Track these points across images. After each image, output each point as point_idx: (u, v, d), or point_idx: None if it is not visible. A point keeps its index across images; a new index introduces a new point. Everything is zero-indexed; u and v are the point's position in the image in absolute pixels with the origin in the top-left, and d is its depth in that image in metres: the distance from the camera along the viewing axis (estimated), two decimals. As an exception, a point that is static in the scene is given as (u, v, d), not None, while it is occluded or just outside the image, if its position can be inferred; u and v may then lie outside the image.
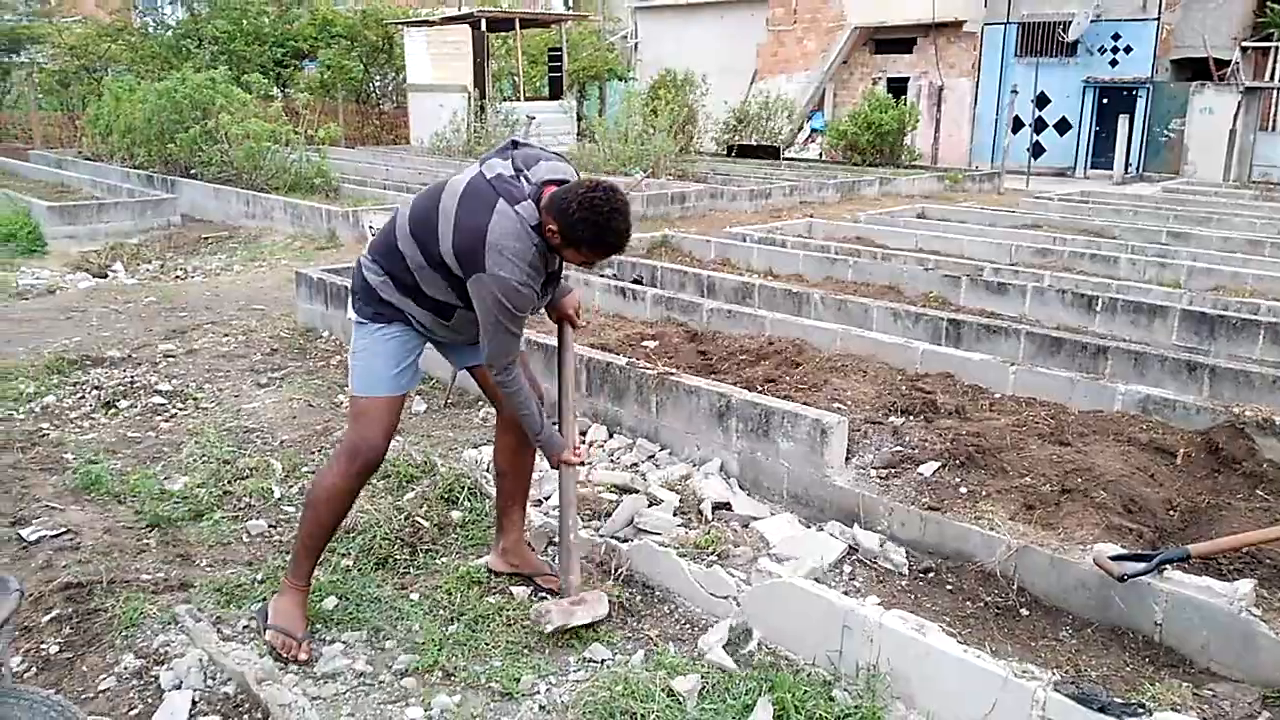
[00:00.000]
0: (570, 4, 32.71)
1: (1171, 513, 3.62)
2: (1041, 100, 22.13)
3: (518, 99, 20.90)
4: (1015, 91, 20.35)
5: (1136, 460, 3.87)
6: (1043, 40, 21.87)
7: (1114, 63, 21.36)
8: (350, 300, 3.03)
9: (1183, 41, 20.79)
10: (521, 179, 2.80)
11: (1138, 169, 20.97)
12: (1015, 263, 8.57)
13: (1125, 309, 6.30)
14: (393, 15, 23.84)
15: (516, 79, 22.02)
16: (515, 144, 2.96)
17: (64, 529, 3.66)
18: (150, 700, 2.65)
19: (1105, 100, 21.58)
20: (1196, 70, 20.76)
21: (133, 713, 2.59)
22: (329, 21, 23.98)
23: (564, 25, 23.10)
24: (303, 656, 2.83)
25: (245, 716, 2.55)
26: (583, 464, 3.14)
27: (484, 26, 20.38)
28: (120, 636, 2.91)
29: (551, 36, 23.89)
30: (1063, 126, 22.25)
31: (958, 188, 16.94)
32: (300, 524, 3.02)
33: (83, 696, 2.68)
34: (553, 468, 3.18)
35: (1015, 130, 21.64)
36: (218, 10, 23.22)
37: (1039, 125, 22.27)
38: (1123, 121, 20.53)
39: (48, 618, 3.04)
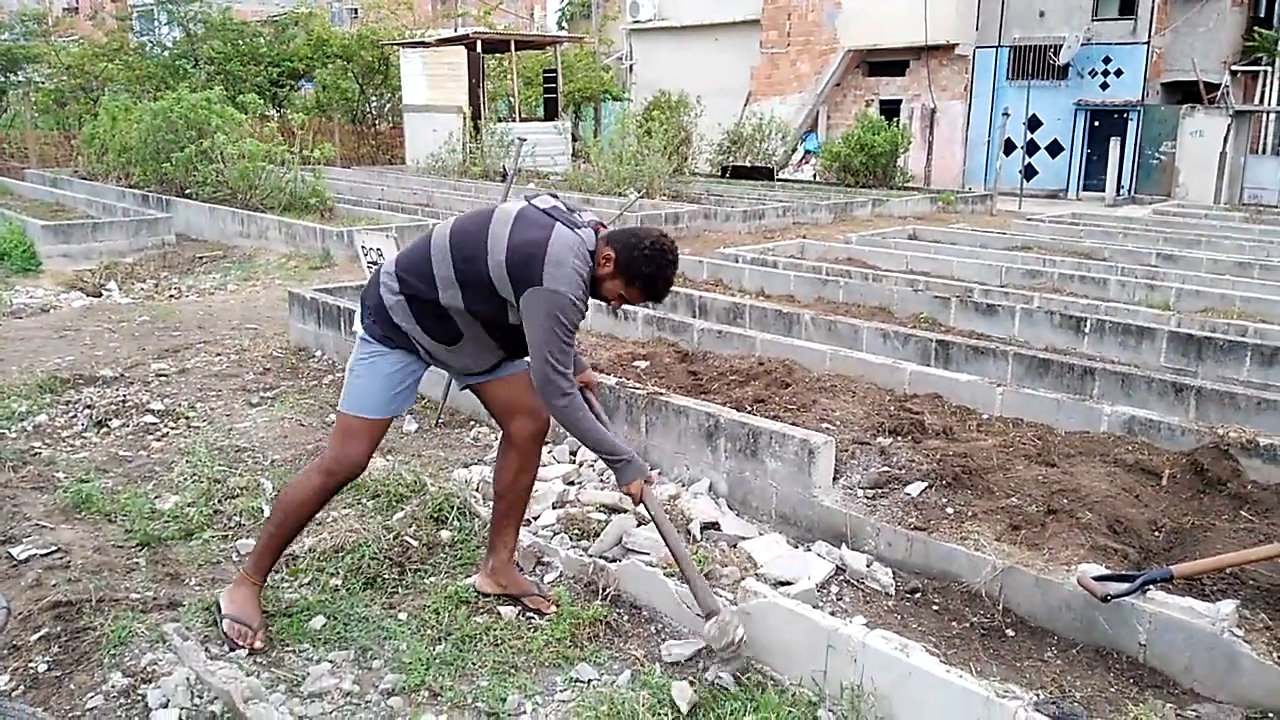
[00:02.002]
0: (565, 26, 32.93)
1: (1157, 534, 3.64)
2: (1034, 123, 22.30)
3: (513, 120, 21.04)
4: (1007, 114, 20.52)
5: (1122, 481, 3.91)
6: (1034, 63, 22.07)
7: (1105, 85, 21.56)
8: (360, 314, 3.06)
9: (1173, 65, 21.02)
10: (574, 214, 2.95)
11: (1129, 191, 21.13)
12: (1005, 284, 8.63)
13: (1114, 330, 6.35)
14: (389, 36, 23.99)
15: (512, 100, 22.16)
16: (554, 195, 3.07)
17: (54, 547, 3.66)
18: (138, 719, 2.65)
19: (1097, 123, 21.77)
20: (1187, 93, 20.97)
21: (120, 732, 2.60)
22: (325, 42, 24.13)
23: (559, 47, 23.26)
24: (258, 644, 2.91)
25: (231, 736, 2.56)
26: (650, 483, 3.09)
27: (480, 48, 20.54)
28: (108, 655, 2.92)
29: (547, 58, 24.06)
30: (1054, 149, 22.43)
31: (950, 209, 17.05)
32: (268, 523, 3.11)
33: (70, 715, 2.68)
34: (635, 499, 3.05)
35: (1007, 152, 21.82)
36: (214, 30, 23.35)
37: (1031, 148, 22.43)
38: (1114, 144, 20.70)
39: (36, 636, 3.04)
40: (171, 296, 9.07)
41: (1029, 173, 21.95)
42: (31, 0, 33.90)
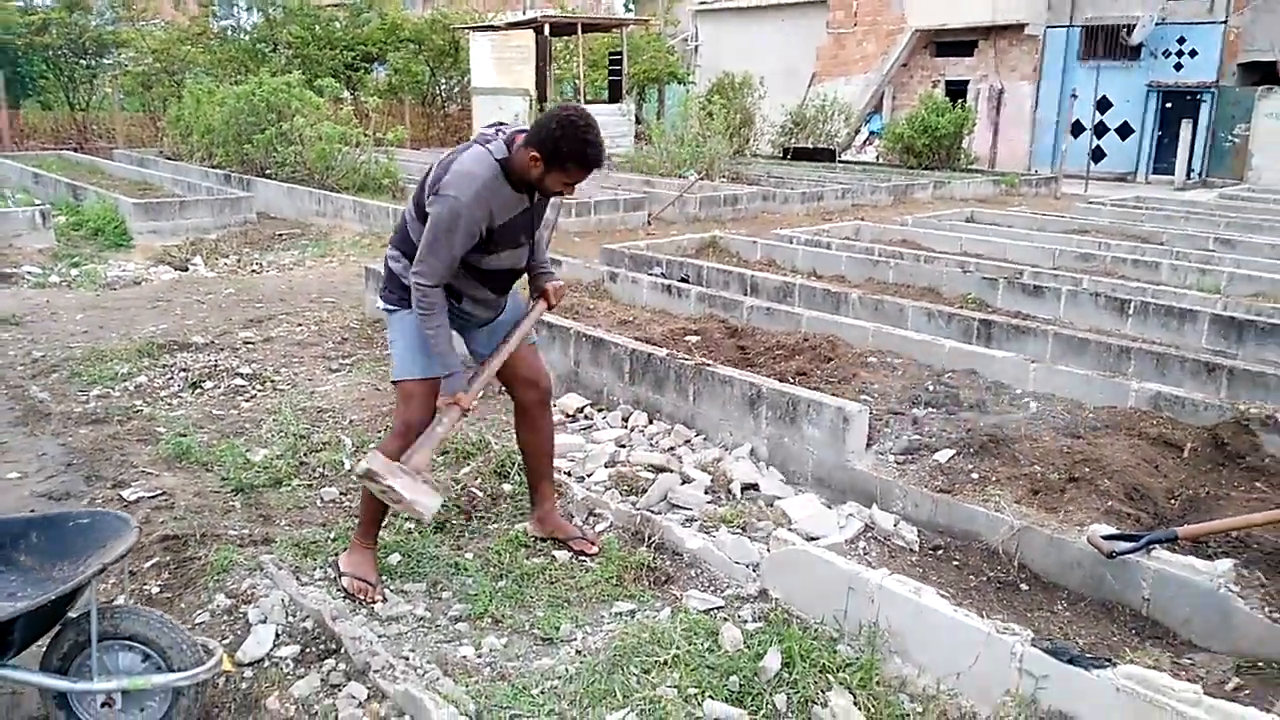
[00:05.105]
0: (633, 8, 33.13)
1: (1172, 501, 3.85)
2: (1103, 104, 21.99)
3: (578, 101, 21.37)
4: (1075, 95, 20.29)
5: (1144, 453, 4.11)
6: (1105, 43, 21.74)
7: (1178, 66, 21.17)
8: (380, 291, 3.38)
9: (1251, 45, 20.54)
10: (498, 134, 3.14)
11: (1200, 174, 20.76)
12: (1057, 267, 8.73)
13: (1157, 313, 6.48)
14: (459, 20, 24.48)
15: (578, 82, 22.50)
16: (501, 124, 3.26)
17: (159, 491, 4.11)
18: (239, 632, 3.06)
19: (1169, 105, 21.39)
20: (1265, 75, 20.49)
21: (226, 642, 3.00)
22: (398, 26, 24.73)
23: (625, 29, 23.51)
24: (378, 598, 3.24)
25: (321, 646, 2.95)
26: (465, 412, 3.21)
27: (547, 31, 20.89)
28: (212, 580, 3.33)
29: (613, 40, 24.33)
30: (1124, 131, 22.09)
31: (1013, 192, 16.99)
32: (363, 495, 3.40)
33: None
34: (438, 404, 3.23)
35: (1076, 134, 21.55)
36: (292, 16, 24.07)
37: (1100, 129, 22.13)
38: (1185, 126, 20.34)
39: (149, 564, 3.48)
40: (253, 271, 9.59)
41: (1097, 155, 21.67)
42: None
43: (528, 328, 3.43)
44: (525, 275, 3.49)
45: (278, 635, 3.02)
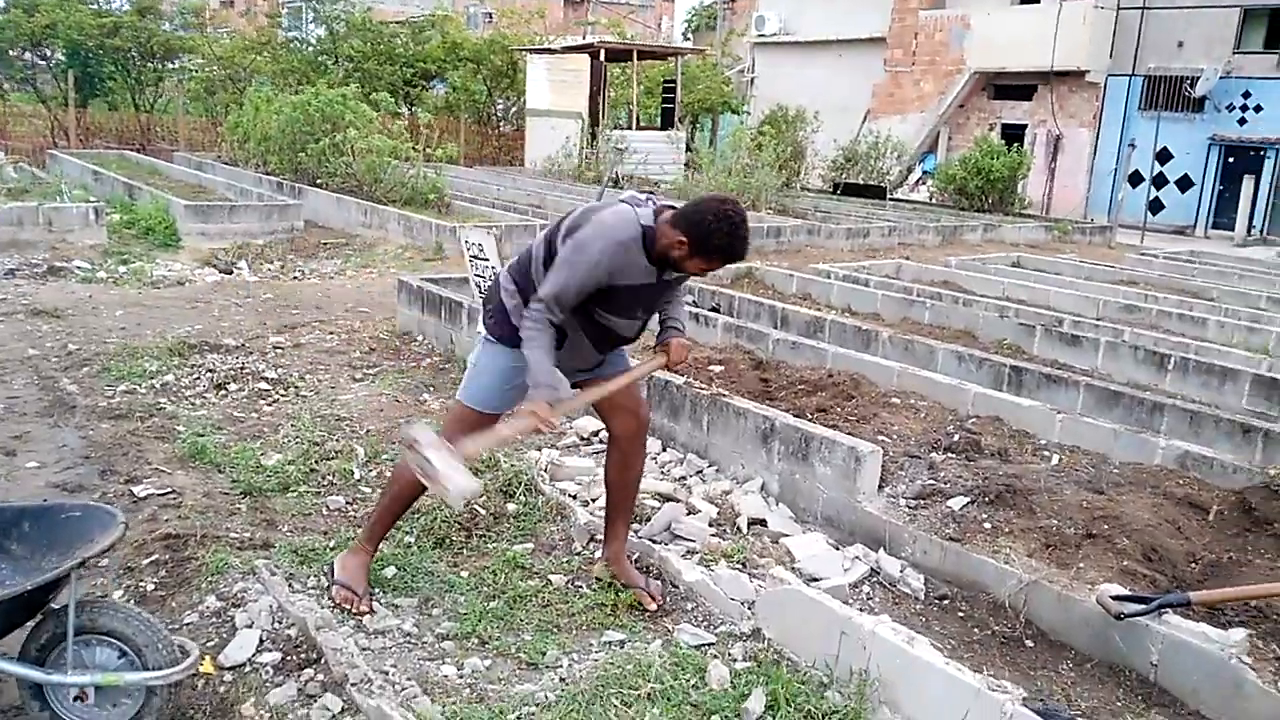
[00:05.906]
0: (690, 37, 33.33)
1: (1192, 565, 3.71)
2: (1163, 156, 21.62)
3: (630, 128, 21.49)
4: (1133, 145, 19.98)
5: (1167, 513, 3.97)
6: (1168, 95, 21.41)
7: (1242, 121, 20.76)
8: (483, 315, 3.31)
9: (1318, 103, 20.10)
10: (649, 201, 3.15)
11: (1261, 231, 20.30)
12: (1100, 317, 8.55)
13: (1198, 370, 6.30)
14: (519, 42, 24.80)
15: (631, 108, 22.63)
16: (651, 193, 3.29)
17: (169, 489, 4.14)
18: (225, 635, 3.05)
19: (1231, 159, 20.98)
20: (1332, 133, 20.05)
21: (210, 644, 3.00)
22: (458, 45, 25.10)
23: (681, 58, 23.64)
24: (364, 608, 3.21)
25: (302, 655, 2.93)
26: (540, 426, 2.98)
27: (603, 56, 21.08)
28: (206, 581, 3.34)
29: (668, 68, 24.47)
30: (1184, 184, 21.70)
31: (1066, 239, 16.72)
32: (383, 495, 3.39)
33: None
34: (525, 413, 3.02)
35: (1134, 184, 21.20)
36: (354, 30, 24.55)
37: (1159, 181, 21.76)
38: (1247, 182, 19.93)
39: (147, 561, 3.50)
40: (295, 278, 9.72)
41: (1155, 207, 21.31)
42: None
43: (641, 374, 3.36)
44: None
45: (261, 641, 3.00)
